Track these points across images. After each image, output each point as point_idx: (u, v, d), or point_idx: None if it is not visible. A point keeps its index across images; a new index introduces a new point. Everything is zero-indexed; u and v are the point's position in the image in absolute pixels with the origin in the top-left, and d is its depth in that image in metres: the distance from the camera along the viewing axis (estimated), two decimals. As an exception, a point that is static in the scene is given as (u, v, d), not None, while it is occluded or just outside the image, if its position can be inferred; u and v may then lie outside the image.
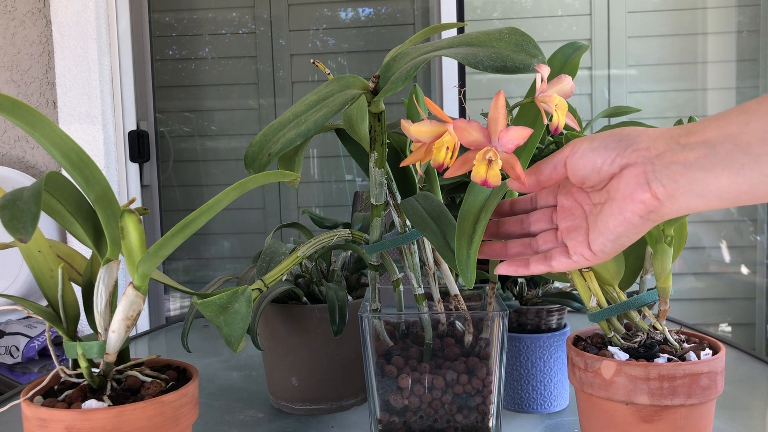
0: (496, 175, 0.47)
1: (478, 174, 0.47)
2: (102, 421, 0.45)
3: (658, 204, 0.41)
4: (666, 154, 0.41)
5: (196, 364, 0.97)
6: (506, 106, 0.48)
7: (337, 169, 2.54)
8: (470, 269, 0.50)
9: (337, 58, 2.52)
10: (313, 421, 0.78)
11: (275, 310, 0.78)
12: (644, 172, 0.41)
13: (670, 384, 0.53)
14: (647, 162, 0.41)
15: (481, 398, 0.60)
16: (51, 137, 0.46)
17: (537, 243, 0.51)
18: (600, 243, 0.45)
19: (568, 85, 0.53)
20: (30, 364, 1.70)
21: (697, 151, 0.39)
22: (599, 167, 0.44)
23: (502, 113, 0.46)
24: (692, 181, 0.40)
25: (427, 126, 0.48)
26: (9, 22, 2.07)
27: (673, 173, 0.40)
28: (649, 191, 0.41)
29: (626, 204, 0.42)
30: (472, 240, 0.51)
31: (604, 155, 0.44)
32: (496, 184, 0.47)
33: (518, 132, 0.46)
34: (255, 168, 0.52)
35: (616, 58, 2.33)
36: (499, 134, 0.46)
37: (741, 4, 2.30)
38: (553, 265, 0.49)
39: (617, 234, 0.44)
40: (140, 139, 2.17)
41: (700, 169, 0.39)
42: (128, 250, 0.47)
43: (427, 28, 0.55)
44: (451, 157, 0.48)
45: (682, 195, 0.40)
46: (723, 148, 0.38)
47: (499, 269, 0.52)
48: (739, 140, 0.38)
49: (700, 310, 2.36)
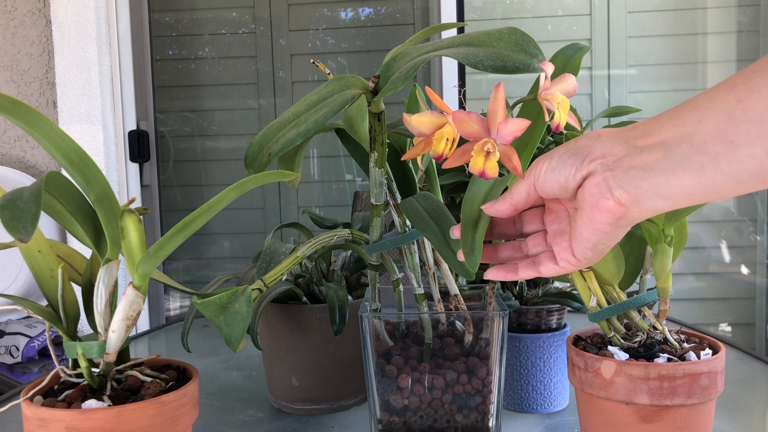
0: (493, 166, 0.47)
1: (475, 165, 0.47)
2: (102, 421, 0.45)
3: (624, 210, 0.41)
4: (624, 159, 0.40)
5: (196, 364, 0.97)
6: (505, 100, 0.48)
7: (337, 169, 2.54)
8: (475, 253, 0.50)
9: (337, 58, 2.52)
10: (313, 421, 0.78)
11: (275, 310, 0.78)
12: (604, 180, 0.41)
13: (670, 384, 0.53)
14: (606, 169, 0.41)
15: (481, 398, 0.60)
16: (51, 137, 0.46)
17: (527, 246, 0.51)
18: (580, 251, 0.45)
19: (572, 84, 0.53)
20: (30, 364, 1.70)
21: (655, 153, 0.39)
22: (564, 184, 0.43)
23: (501, 105, 0.46)
24: (655, 185, 0.39)
25: (428, 117, 0.48)
26: (9, 22, 2.07)
27: (634, 178, 0.40)
28: (613, 198, 0.41)
29: (594, 214, 0.42)
30: (477, 225, 0.51)
31: (563, 172, 0.43)
32: (493, 175, 0.47)
33: (516, 124, 0.46)
34: (255, 168, 0.52)
35: (616, 58, 2.33)
36: (498, 126, 0.47)
37: (741, 4, 2.30)
38: (542, 270, 0.49)
39: (593, 242, 0.44)
40: (140, 139, 2.17)
41: (661, 172, 0.38)
42: (128, 250, 0.47)
43: (427, 28, 0.55)
44: (450, 148, 0.48)
45: (647, 198, 0.40)
46: (680, 150, 0.37)
47: (489, 275, 0.51)
48: (695, 140, 0.37)
49: (700, 310, 2.36)
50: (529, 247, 0.51)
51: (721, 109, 0.36)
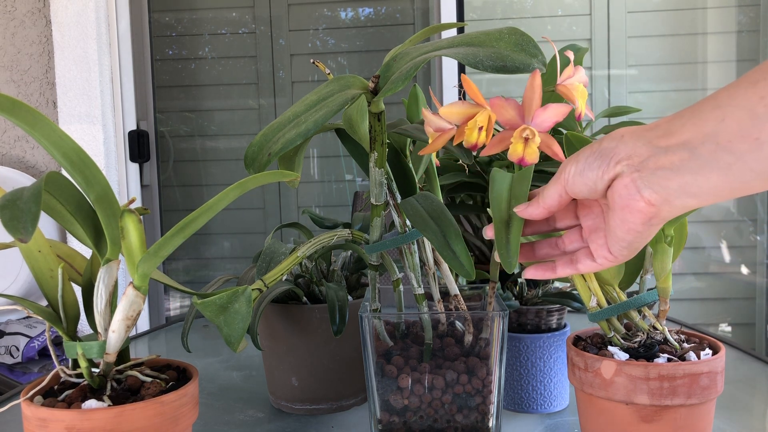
0: (533, 152, 0.47)
1: (515, 152, 0.47)
2: (102, 421, 0.45)
3: (656, 209, 0.41)
4: (650, 159, 0.40)
5: (196, 364, 0.97)
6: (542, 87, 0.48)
7: (337, 169, 2.54)
8: (512, 254, 0.49)
9: (337, 58, 2.52)
10: (313, 421, 0.78)
11: (275, 310, 0.78)
12: (632, 181, 0.41)
13: (670, 384, 0.53)
14: (633, 170, 0.41)
15: (481, 398, 0.60)
16: (51, 137, 0.46)
17: (563, 243, 0.51)
18: (616, 248, 0.45)
19: (583, 75, 0.54)
20: (30, 364, 1.70)
21: (680, 153, 0.39)
22: (592, 187, 0.44)
23: (538, 93, 0.46)
24: (684, 185, 0.39)
25: (458, 107, 0.48)
26: (9, 22, 2.07)
27: (661, 179, 0.40)
28: (643, 199, 0.41)
29: (625, 214, 0.42)
30: (510, 225, 0.50)
31: (591, 175, 0.43)
32: (533, 161, 0.47)
33: (555, 109, 0.46)
34: (255, 168, 0.52)
35: (616, 58, 2.33)
36: (535, 113, 0.47)
37: (741, 4, 2.30)
38: (580, 267, 0.48)
39: (628, 241, 0.44)
40: (140, 139, 2.17)
41: (689, 172, 0.38)
42: (128, 250, 0.47)
43: (427, 28, 0.55)
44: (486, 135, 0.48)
45: (677, 198, 0.40)
46: (705, 149, 0.37)
47: (527, 274, 0.51)
48: (719, 139, 0.37)
49: (700, 310, 2.36)
50: (566, 243, 0.50)
51: (743, 106, 0.36)
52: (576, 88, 0.52)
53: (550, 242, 0.52)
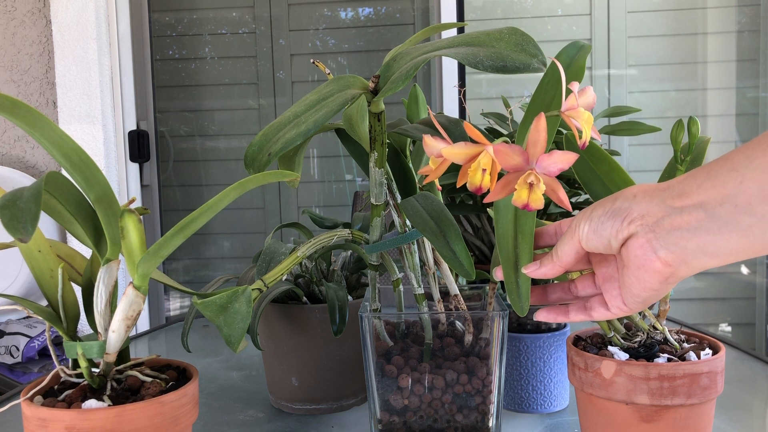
0: (538, 198, 0.45)
1: (519, 198, 0.46)
2: (102, 421, 0.45)
3: (672, 269, 0.41)
4: (665, 219, 0.40)
5: (196, 364, 0.97)
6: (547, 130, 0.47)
7: (337, 169, 2.54)
8: (523, 297, 0.49)
9: (337, 58, 2.52)
10: (313, 421, 0.78)
11: (275, 310, 0.78)
12: (648, 242, 0.40)
13: (670, 384, 0.53)
14: (648, 231, 0.40)
15: (481, 398, 0.60)
16: (51, 137, 0.46)
17: (576, 288, 0.50)
18: (631, 302, 0.45)
19: (591, 96, 0.51)
20: (30, 364, 1.70)
21: (696, 214, 0.38)
22: (607, 244, 0.43)
23: (543, 136, 0.45)
24: (702, 245, 0.38)
25: (461, 149, 0.47)
26: (9, 22, 2.07)
27: (679, 239, 0.39)
28: (659, 260, 0.40)
29: (641, 273, 0.42)
30: (518, 266, 0.50)
31: (605, 234, 0.43)
32: (538, 207, 0.45)
33: (562, 157, 0.45)
34: (255, 168, 0.52)
35: (616, 58, 2.33)
36: (540, 157, 0.46)
37: (741, 4, 2.30)
38: (593, 315, 0.48)
39: (643, 298, 0.44)
40: (140, 139, 2.17)
41: (707, 233, 0.38)
42: (128, 250, 0.47)
43: (427, 28, 0.55)
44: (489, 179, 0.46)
45: (694, 258, 0.39)
46: (723, 210, 0.37)
47: (539, 316, 0.51)
48: (739, 201, 0.36)
49: (700, 310, 2.36)
50: (579, 288, 0.50)
51: (762, 168, 0.36)
52: (581, 115, 0.50)
53: (562, 286, 0.52)
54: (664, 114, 2.33)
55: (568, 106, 0.50)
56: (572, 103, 0.50)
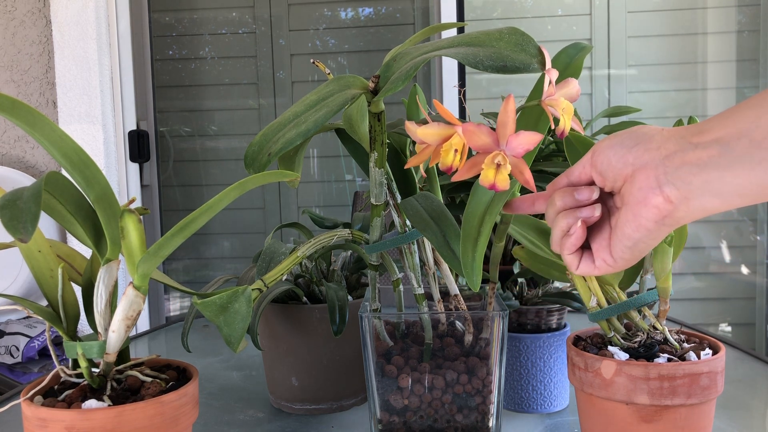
0: (504, 179, 0.46)
1: (486, 178, 0.46)
2: (102, 421, 0.45)
3: (672, 207, 0.41)
4: (677, 154, 0.40)
5: (196, 364, 0.97)
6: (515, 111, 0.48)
7: (337, 169, 2.54)
8: (476, 272, 0.50)
9: (337, 58, 2.52)
10: (313, 421, 0.78)
11: (275, 310, 0.77)
12: (655, 176, 0.41)
13: (670, 384, 0.53)
14: (658, 164, 0.41)
15: (481, 398, 0.60)
16: (51, 137, 0.46)
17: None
18: (619, 249, 0.45)
19: (575, 88, 0.53)
20: (30, 364, 1.70)
21: (710, 149, 0.39)
22: (613, 164, 0.43)
23: (511, 117, 0.46)
24: (708, 181, 0.39)
25: (434, 129, 0.48)
26: (9, 22, 2.07)
27: (686, 174, 0.39)
28: (662, 195, 0.41)
29: (639, 209, 0.42)
30: (477, 243, 0.51)
31: (618, 152, 0.43)
32: (504, 188, 0.46)
33: (528, 137, 0.46)
34: (255, 168, 0.52)
35: (616, 58, 2.33)
36: (508, 138, 0.46)
37: (741, 4, 2.30)
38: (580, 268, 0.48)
39: (634, 240, 0.43)
40: (140, 139, 2.17)
41: (715, 168, 0.38)
42: (128, 250, 0.47)
43: (427, 28, 0.55)
44: (459, 159, 0.47)
45: (698, 197, 0.40)
46: (738, 145, 0.38)
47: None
48: (755, 135, 0.37)
49: (700, 310, 2.36)
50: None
51: None
52: (560, 104, 0.51)
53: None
54: (664, 114, 2.33)
55: (546, 95, 0.51)
56: (550, 92, 0.51)
